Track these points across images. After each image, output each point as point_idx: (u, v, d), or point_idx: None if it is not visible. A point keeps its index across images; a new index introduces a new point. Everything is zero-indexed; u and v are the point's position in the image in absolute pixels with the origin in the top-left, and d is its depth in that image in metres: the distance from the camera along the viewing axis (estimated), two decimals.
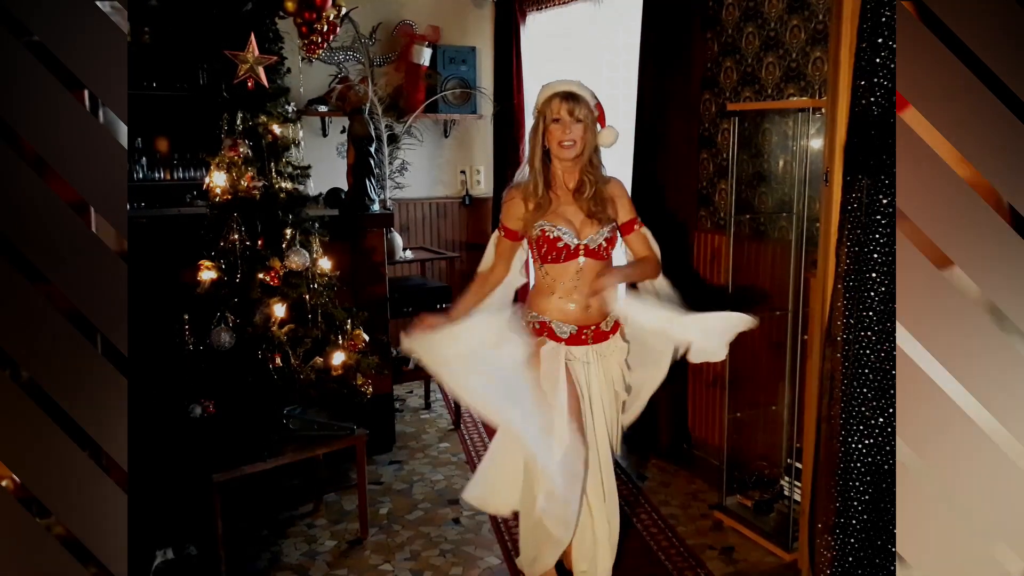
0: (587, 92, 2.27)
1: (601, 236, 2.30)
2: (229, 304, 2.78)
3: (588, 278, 2.29)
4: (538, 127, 2.28)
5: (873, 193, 1.82)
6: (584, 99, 2.24)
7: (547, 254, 2.30)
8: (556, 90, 2.25)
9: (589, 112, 2.25)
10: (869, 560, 1.89)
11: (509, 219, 2.36)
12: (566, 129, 2.22)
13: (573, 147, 2.24)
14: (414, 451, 3.95)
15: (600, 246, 2.31)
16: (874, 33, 1.80)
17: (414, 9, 4.97)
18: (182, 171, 4.44)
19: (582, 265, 2.30)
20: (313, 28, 3.11)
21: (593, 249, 2.30)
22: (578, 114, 2.22)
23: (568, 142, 2.23)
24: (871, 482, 1.86)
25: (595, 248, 2.30)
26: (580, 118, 2.23)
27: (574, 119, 2.22)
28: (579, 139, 2.23)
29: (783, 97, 3.11)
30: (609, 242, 2.33)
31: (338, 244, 3.32)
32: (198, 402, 2.74)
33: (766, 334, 3.19)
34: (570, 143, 2.23)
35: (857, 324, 1.87)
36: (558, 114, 2.23)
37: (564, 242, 2.27)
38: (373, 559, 2.91)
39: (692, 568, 2.83)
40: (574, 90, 2.25)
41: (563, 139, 2.23)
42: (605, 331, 2.38)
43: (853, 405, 1.89)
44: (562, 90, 2.25)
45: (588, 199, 2.29)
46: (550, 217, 2.29)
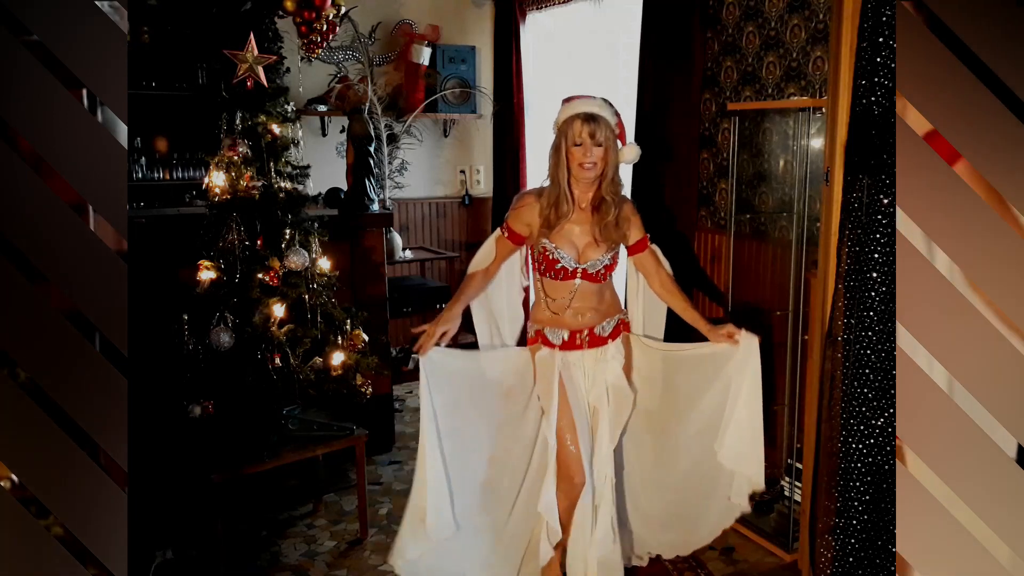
0: (608, 110, 2.25)
1: (602, 262, 2.32)
2: (228, 304, 2.77)
3: (582, 297, 2.33)
4: (560, 146, 2.25)
5: (874, 193, 1.82)
6: (605, 120, 2.22)
7: (546, 271, 2.33)
8: (577, 111, 2.22)
9: (611, 132, 2.24)
10: (869, 560, 1.88)
11: (518, 223, 2.35)
12: (587, 152, 2.21)
13: (593, 169, 2.23)
14: (414, 451, 3.90)
15: (599, 272, 2.33)
16: (875, 32, 1.80)
17: (414, 8, 4.96)
18: (181, 171, 4.44)
19: (577, 286, 2.32)
20: (312, 27, 3.11)
21: (591, 274, 2.32)
22: (599, 137, 2.20)
23: (589, 164, 2.22)
24: (871, 482, 1.86)
25: (593, 273, 2.32)
26: (601, 141, 2.21)
27: (595, 142, 2.21)
28: (600, 160, 2.22)
29: (784, 96, 3.11)
30: (608, 268, 2.35)
31: (337, 244, 3.32)
32: (197, 402, 2.73)
33: (766, 334, 3.19)
34: (591, 165, 2.22)
35: (858, 324, 1.87)
36: (580, 138, 2.21)
37: (562, 264, 2.30)
38: (373, 559, 2.91)
39: (692, 568, 2.82)
40: (595, 111, 2.22)
41: (584, 161, 2.22)
42: (602, 336, 2.38)
43: (853, 405, 1.89)
44: (583, 111, 2.21)
45: (607, 220, 2.29)
46: (555, 237, 2.29)
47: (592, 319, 2.36)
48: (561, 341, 2.36)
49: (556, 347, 2.37)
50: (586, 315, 2.35)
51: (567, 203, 2.26)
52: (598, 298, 2.38)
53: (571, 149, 2.23)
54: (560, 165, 2.25)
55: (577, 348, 2.36)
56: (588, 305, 2.36)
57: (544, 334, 2.39)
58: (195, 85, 4.30)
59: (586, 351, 2.37)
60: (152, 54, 4.18)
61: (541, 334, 2.40)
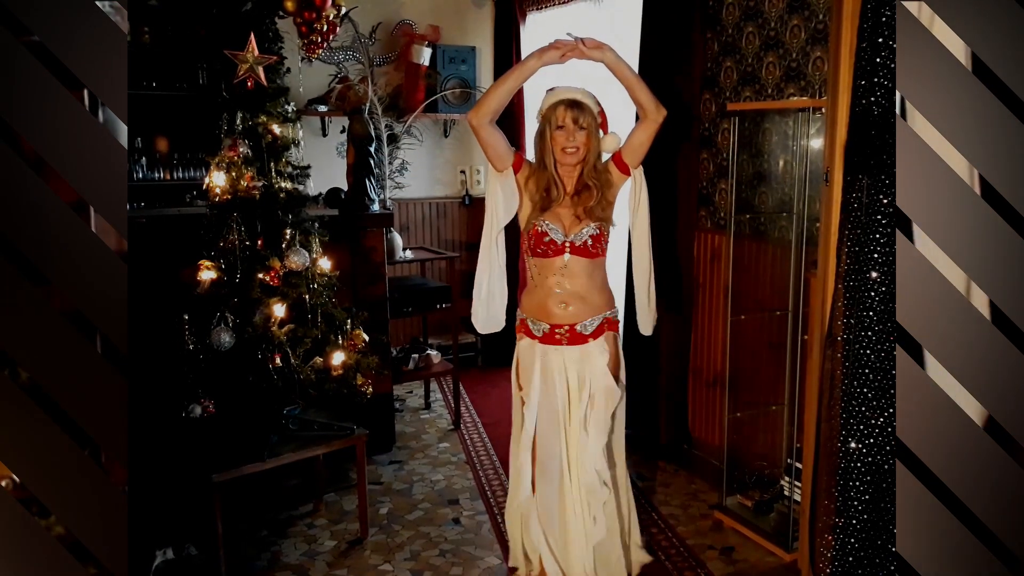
0: (591, 99, 2.31)
1: (587, 233, 2.32)
2: (229, 304, 2.77)
3: (574, 276, 2.33)
4: (544, 132, 2.31)
5: (873, 193, 1.82)
6: (588, 106, 2.28)
7: (535, 247, 2.34)
8: (561, 97, 2.29)
9: (593, 119, 2.29)
10: (869, 560, 1.88)
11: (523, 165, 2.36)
12: (570, 136, 2.27)
13: (576, 153, 2.28)
14: (414, 451, 3.95)
15: (585, 243, 2.32)
16: (874, 33, 1.80)
17: (414, 9, 4.97)
18: (182, 171, 4.44)
19: (567, 261, 2.33)
20: (313, 28, 3.11)
21: (579, 246, 2.32)
22: (582, 121, 2.27)
23: (571, 148, 2.27)
24: (871, 482, 1.86)
25: (580, 244, 2.32)
26: (584, 125, 2.27)
27: (578, 127, 2.27)
28: (582, 145, 2.28)
29: (783, 97, 3.11)
30: (595, 239, 2.33)
31: (338, 244, 3.32)
32: (198, 402, 2.74)
33: (766, 334, 3.19)
34: (573, 149, 2.28)
35: (857, 324, 1.87)
36: (563, 121, 2.27)
37: (551, 237, 2.31)
38: (373, 559, 2.91)
39: (692, 568, 2.83)
40: (579, 98, 2.28)
41: (567, 146, 2.27)
42: (583, 334, 2.36)
43: (853, 405, 1.88)
44: (567, 98, 2.28)
45: (589, 205, 2.32)
46: (546, 216, 2.34)
47: (576, 312, 2.34)
48: (541, 334, 2.37)
49: (537, 339, 2.38)
50: (572, 305, 2.34)
51: (557, 188, 2.32)
52: (588, 282, 2.35)
53: (554, 134, 2.29)
54: (546, 151, 2.31)
55: (556, 343, 2.37)
56: (576, 290, 2.34)
57: (527, 324, 2.42)
58: (195, 85, 4.31)
59: (564, 348, 2.37)
60: (152, 54, 4.19)
61: (525, 323, 2.43)
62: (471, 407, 4.57)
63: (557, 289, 2.35)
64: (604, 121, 2.35)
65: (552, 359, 2.37)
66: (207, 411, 2.75)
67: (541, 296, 2.37)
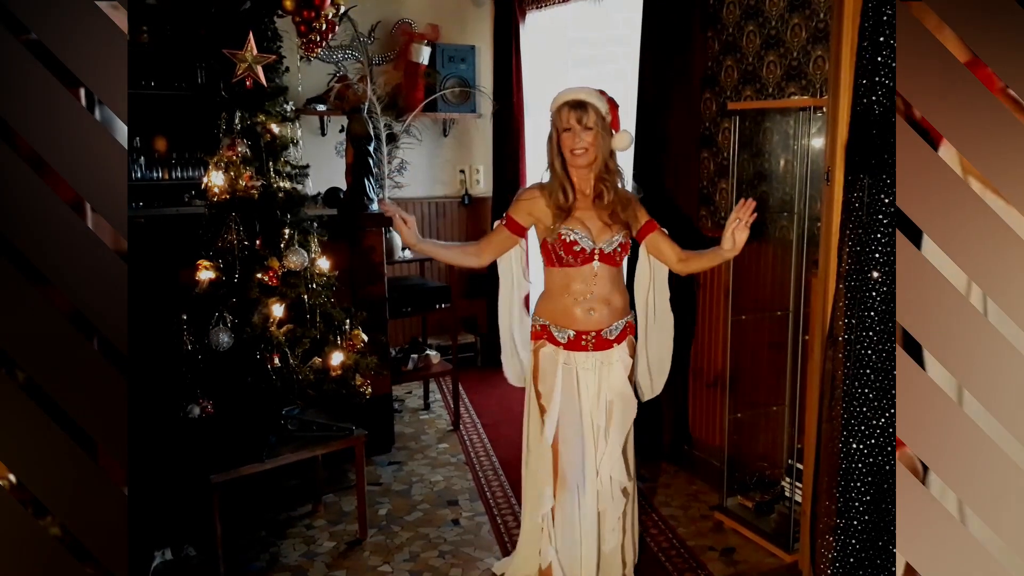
0: (596, 97, 2.28)
1: (616, 241, 2.33)
2: (227, 304, 2.77)
3: (601, 282, 2.33)
4: (552, 136, 2.31)
5: (875, 192, 1.82)
6: (593, 106, 2.26)
7: (563, 256, 2.32)
8: (565, 99, 2.28)
9: (600, 119, 2.27)
10: (870, 561, 1.88)
11: (519, 213, 2.38)
12: (576, 137, 2.25)
13: (584, 154, 2.26)
14: (413, 452, 3.94)
15: (615, 251, 2.33)
16: (875, 32, 1.80)
17: (413, 8, 4.96)
18: (180, 170, 4.44)
19: (596, 269, 2.32)
20: (312, 27, 3.10)
21: (608, 254, 2.32)
22: (587, 122, 2.25)
23: (579, 150, 2.26)
24: (872, 483, 1.86)
25: (609, 252, 2.32)
26: (589, 126, 2.25)
27: (583, 127, 2.25)
28: (590, 146, 2.26)
29: (784, 96, 3.11)
30: (623, 247, 2.35)
31: (337, 244, 3.31)
32: (196, 402, 2.73)
33: (767, 334, 3.19)
34: (581, 151, 2.26)
35: (858, 324, 1.87)
36: (568, 123, 2.26)
37: (581, 246, 2.30)
38: (372, 560, 2.90)
39: (692, 569, 2.82)
40: (582, 98, 2.26)
41: (574, 147, 2.26)
42: (608, 339, 2.37)
43: (854, 405, 1.88)
44: (570, 99, 2.27)
45: (609, 205, 2.32)
46: (569, 222, 2.32)
47: (602, 318, 2.35)
48: (567, 340, 2.36)
49: (561, 345, 2.36)
50: (598, 311, 2.34)
51: (569, 190, 2.30)
52: (611, 287, 2.36)
53: (562, 137, 2.28)
54: (555, 154, 2.31)
55: (582, 350, 2.36)
56: (604, 295, 2.35)
57: (550, 331, 2.38)
58: (194, 85, 4.30)
59: (590, 354, 2.36)
60: (152, 54, 4.18)
61: (547, 330, 2.39)
62: (470, 408, 4.56)
63: (586, 295, 2.34)
64: (615, 118, 2.32)
65: (576, 365, 2.36)
66: (205, 411, 2.74)
67: (566, 302, 2.35)
